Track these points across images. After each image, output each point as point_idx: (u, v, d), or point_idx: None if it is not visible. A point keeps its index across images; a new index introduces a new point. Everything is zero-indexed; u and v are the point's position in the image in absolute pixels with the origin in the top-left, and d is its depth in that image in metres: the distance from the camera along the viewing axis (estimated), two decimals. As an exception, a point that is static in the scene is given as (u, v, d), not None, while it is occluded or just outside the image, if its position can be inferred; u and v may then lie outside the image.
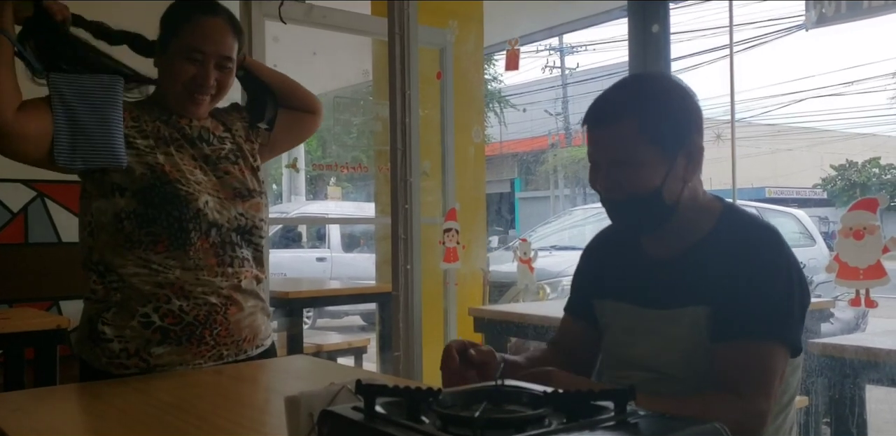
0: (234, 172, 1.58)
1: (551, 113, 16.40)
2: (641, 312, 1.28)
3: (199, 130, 1.59)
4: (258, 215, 1.59)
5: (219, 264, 1.52)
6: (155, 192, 1.45)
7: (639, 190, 1.22)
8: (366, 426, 0.73)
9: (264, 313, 1.65)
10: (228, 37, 1.54)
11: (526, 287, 3.48)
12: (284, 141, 1.80)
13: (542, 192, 17.49)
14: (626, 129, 1.20)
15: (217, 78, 1.54)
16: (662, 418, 0.72)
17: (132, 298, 1.47)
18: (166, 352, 1.48)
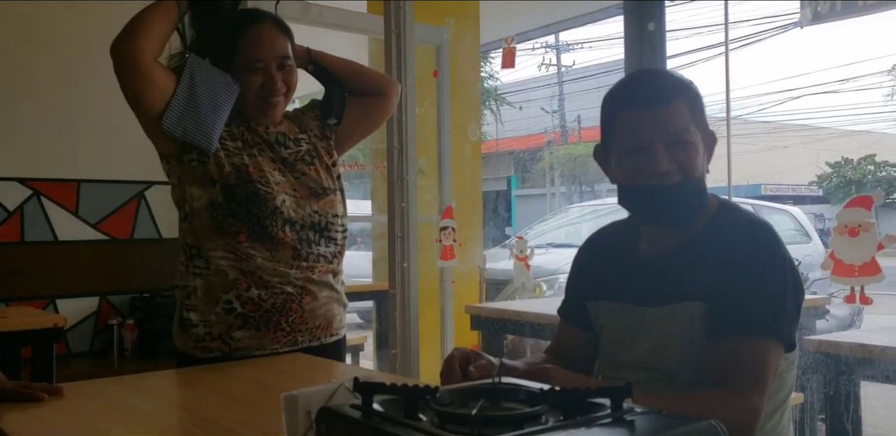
0: (309, 172, 1.69)
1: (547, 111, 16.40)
2: (636, 311, 1.28)
3: (277, 136, 1.69)
4: (332, 212, 1.69)
5: (294, 258, 1.63)
6: (238, 189, 1.58)
7: (693, 173, 1.21)
8: (363, 424, 0.73)
9: (339, 304, 1.74)
10: (279, 38, 1.64)
11: (523, 285, 3.48)
12: (359, 128, 1.84)
13: (539, 189, 17.49)
14: (680, 109, 1.20)
15: (283, 79, 1.64)
16: (659, 415, 0.73)
17: (216, 286, 1.60)
18: (245, 336, 1.60)
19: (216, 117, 1.58)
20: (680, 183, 1.20)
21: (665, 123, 1.19)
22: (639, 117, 1.21)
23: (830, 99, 22.36)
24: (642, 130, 1.20)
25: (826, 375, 1.99)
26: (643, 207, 1.26)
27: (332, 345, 1.73)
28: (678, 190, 1.20)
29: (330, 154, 1.77)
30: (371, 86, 1.82)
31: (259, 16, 1.66)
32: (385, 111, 1.88)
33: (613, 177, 1.30)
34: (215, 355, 1.61)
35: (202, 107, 1.56)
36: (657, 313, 1.24)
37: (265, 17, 1.66)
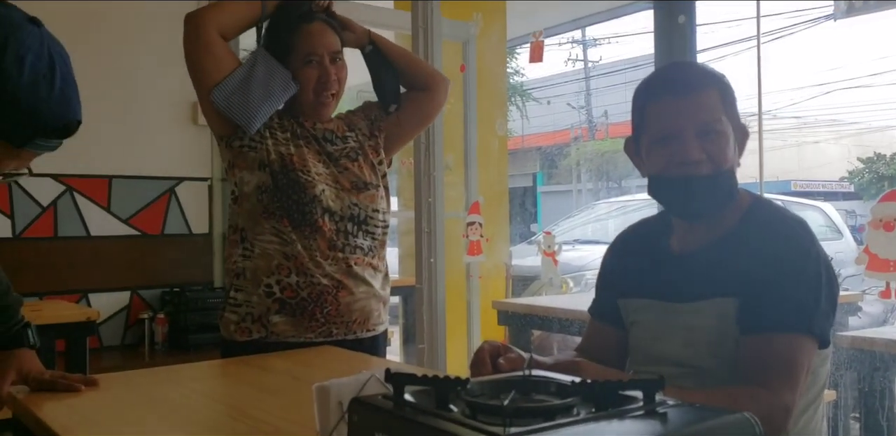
0: (352, 168, 1.74)
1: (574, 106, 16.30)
2: (667, 307, 1.27)
3: (324, 132, 1.75)
4: (372, 206, 1.73)
5: (330, 248, 1.66)
6: (281, 176, 1.65)
7: (723, 164, 1.19)
8: (396, 414, 0.73)
9: (378, 300, 1.75)
10: (330, 34, 1.71)
11: (550, 281, 3.47)
12: (410, 124, 1.87)
13: (565, 186, 17.41)
14: (712, 97, 1.19)
15: (335, 72, 1.70)
16: (692, 407, 0.72)
17: (261, 269, 1.65)
18: (281, 321, 1.65)
19: (264, 103, 1.64)
20: (710, 174, 1.19)
21: (695, 112, 1.18)
22: (669, 106, 1.20)
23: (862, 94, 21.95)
24: (673, 118, 1.20)
25: (860, 371, 1.96)
26: (673, 197, 1.25)
27: (368, 340, 1.75)
28: (708, 180, 1.19)
29: (377, 152, 1.81)
30: (423, 79, 1.85)
31: (309, 12, 1.71)
32: (435, 107, 1.89)
33: (644, 169, 1.29)
34: (254, 338, 1.66)
35: (254, 90, 1.64)
36: (688, 309, 1.23)
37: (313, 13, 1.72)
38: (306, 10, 1.72)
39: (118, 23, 3.45)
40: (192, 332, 3.43)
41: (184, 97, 3.62)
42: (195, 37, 1.66)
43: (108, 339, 3.44)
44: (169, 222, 3.58)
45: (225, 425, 1.13)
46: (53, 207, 3.29)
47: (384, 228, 1.77)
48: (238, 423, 1.11)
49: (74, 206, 3.34)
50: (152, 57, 3.53)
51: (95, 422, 1.14)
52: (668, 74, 1.28)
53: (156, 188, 3.55)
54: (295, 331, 1.66)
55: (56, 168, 3.30)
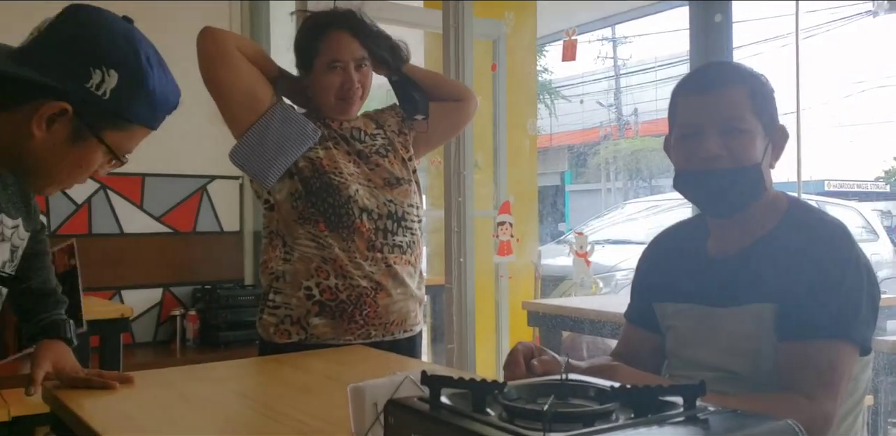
0: (383, 164, 1.74)
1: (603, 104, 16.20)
2: (704, 312, 1.25)
3: (351, 130, 1.76)
4: (407, 201, 1.74)
5: (369, 249, 1.67)
6: (313, 181, 1.67)
7: (745, 161, 1.18)
8: (432, 417, 0.73)
9: (414, 300, 1.76)
10: (355, 41, 1.71)
11: (582, 281, 3.45)
12: (441, 131, 1.88)
13: (593, 185, 17.29)
14: (737, 94, 1.18)
15: (359, 79, 1.72)
16: (734, 414, 0.71)
17: (300, 272, 1.67)
18: (321, 324, 1.66)
19: (277, 158, 1.67)
20: (730, 169, 1.18)
21: (718, 109, 1.19)
22: (694, 103, 1.21)
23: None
24: (696, 114, 1.21)
25: (900, 377, 1.92)
26: (694, 191, 1.25)
27: (405, 340, 1.75)
28: (727, 176, 1.18)
29: (406, 148, 1.82)
30: (450, 92, 1.88)
31: (338, 18, 1.73)
32: (463, 116, 1.91)
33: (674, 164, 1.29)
34: (293, 341, 1.67)
35: (268, 146, 1.67)
36: (726, 314, 1.21)
37: (342, 19, 1.73)
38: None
39: (151, 22, 3.48)
40: (222, 329, 3.46)
41: (216, 96, 3.65)
42: (212, 47, 1.67)
43: (141, 335, 3.48)
44: (200, 220, 3.62)
45: (260, 423, 1.13)
46: (88, 204, 3.34)
47: (419, 223, 1.78)
48: (274, 422, 1.12)
49: (108, 203, 3.39)
50: (185, 56, 3.56)
51: (132, 419, 1.15)
52: (698, 72, 1.29)
53: (188, 186, 3.59)
54: (334, 333, 1.67)
55: (91, 166, 3.34)
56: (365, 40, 1.73)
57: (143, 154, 3.72)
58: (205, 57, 1.69)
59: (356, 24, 1.73)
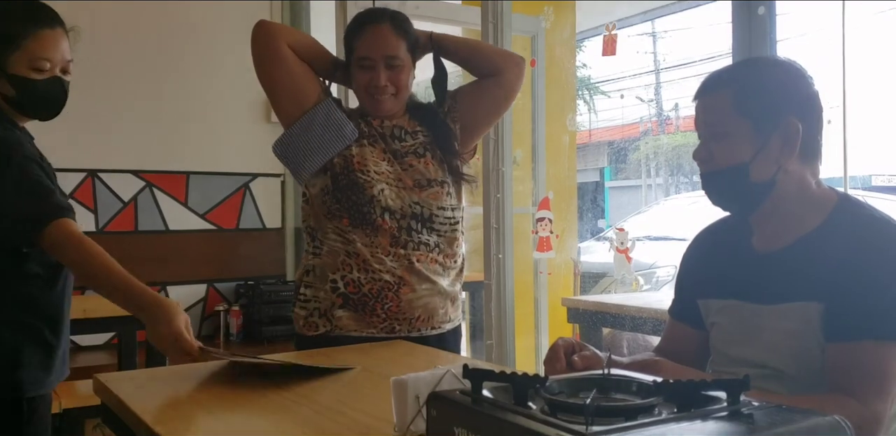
0: (417, 165, 1.74)
1: (643, 99, 16.01)
2: (749, 309, 1.24)
3: (392, 129, 1.77)
4: (437, 203, 1.73)
5: (391, 245, 1.68)
6: (342, 177, 1.69)
7: (727, 163, 1.22)
8: (475, 410, 0.74)
9: (444, 297, 1.74)
10: (391, 38, 1.70)
11: (623, 277, 3.42)
12: (479, 113, 1.82)
13: (633, 181, 17.10)
14: (719, 99, 1.22)
15: (389, 77, 1.70)
16: (779, 409, 0.71)
17: (328, 265, 1.71)
18: (345, 316, 1.69)
19: (314, 157, 1.71)
20: (711, 172, 1.25)
21: (702, 115, 1.26)
22: (695, 108, 1.29)
23: (951, 83, 20.84)
24: (695, 120, 1.29)
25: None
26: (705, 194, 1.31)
27: (434, 337, 1.74)
28: (709, 178, 1.26)
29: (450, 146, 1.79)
30: (486, 64, 1.81)
31: (378, 16, 1.72)
32: (505, 90, 1.82)
33: None
34: (320, 333, 1.71)
35: (309, 141, 1.71)
36: (771, 312, 1.20)
37: (383, 17, 1.72)
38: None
39: (195, 23, 3.54)
40: (265, 324, 3.51)
41: (258, 95, 3.68)
42: (264, 43, 1.71)
43: (186, 330, 3.55)
44: (243, 217, 3.68)
45: (304, 416, 1.15)
46: (134, 202, 3.41)
47: (453, 225, 1.75)
48: (317, 414, 1.14)
49: (154, 201, 3.46)
50: (228, 57, 3.62)
51: (181, 410, 1.18)
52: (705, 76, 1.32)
53: (231, 184, 3.65)
54: (357, 326, 1.70)
55: (137, 165, 3.42)
56: (404, 33, 1.72)
57: (187, 153, 3.81)
58: (256, 51, 1.73)
59: (397, 19, 1.73)
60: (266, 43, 1.71)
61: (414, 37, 1.75)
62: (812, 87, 1.22)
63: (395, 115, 1.78)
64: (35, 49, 1.52)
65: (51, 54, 1.54)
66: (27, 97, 1.55)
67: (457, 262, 1.78)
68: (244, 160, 3.67)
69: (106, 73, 3.26)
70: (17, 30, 1.52)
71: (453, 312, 1.79)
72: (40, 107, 1.58)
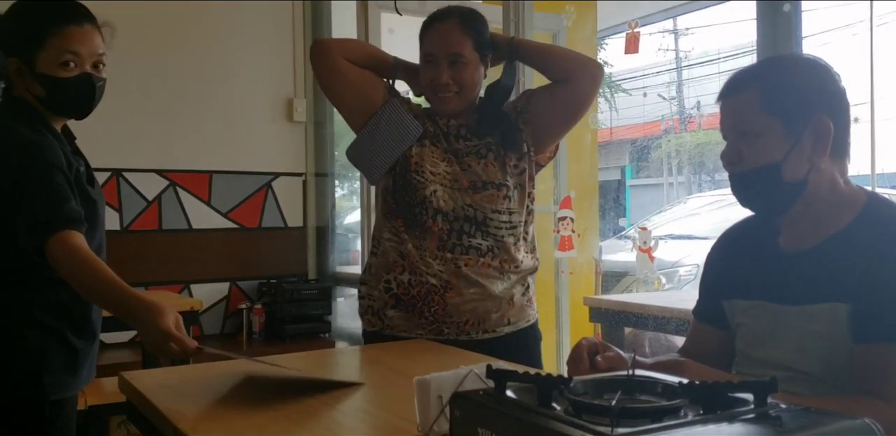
0: (475, 166, 1.71)
1: (665, 97, 15.91)
2: (775, 309, 1.22)
3: (458, 128, 1.76)
4: (491, 206, 1.69)
5: (439, 248, 1.68)
6: (399, 178, 1.72)
7: (758, 163, 1.20)
8: (498, 411, 0.74)
9: (498, 302, 1.70)
10: (455, 35, 1.69)
11: (646, 276, 3.40)
12: (556, 117, 1.76)
13: (655, 179, 17.00)
14: (747, 100, 1.20)
15: (451, 75, 1.69)
16: (807, 411, 0.70)
17: (382, 265, 1.74)
18: (396, 316, 1.71)
19: (380, 158, 1.74)
20: (742, 173, 1.22)
21: (730, 115, 1.24)
22: (720, 109, 1.27)
23: (980, 80, 20.46)
24: (721, 121, 1.26)
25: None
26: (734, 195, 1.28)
27: (486, 342, 1.69)
28: (740, 179, 1.23)
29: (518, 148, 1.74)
30: (559, 70, 1.75)
31: (445, 14, 1.72)
32: (574, 97, 1.75)
33: None
34: (375, 329, 1.75)
35: (376, 144, 1.74)
36: (798, 312, 1.18)
37: (452, 15, 1.71)
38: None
39: (218, 23, 3.57)
40: (287, 322, 3.53)
41: (280, 95, 3.72)
42: (320, 60, 1.75)
43: (209, 328, 3.58)
44: (266, 216, 3.70)
45: (327, 415, 1.15)
46: (158, 201, 3.44)
47: (510, 229, 1.71)
48: (341, 414, 1.14)
49: (177, 200, 3.49)
50: (251, 57, 3.64)
51: (205, 408, 1.19)
52: (729, 77, 1.30)
53: (253, 183, 3.67)
54: (407, 326, 1.71)
55: (160, 164, 3.45)
56: (472, 32, 1.69)
57: (211, 152, 3.83)
58: (315, 69, 1.78)
59: (466, 17, 1.71)
60: (322, 59, 1.74)
61: (484, 36, 1.72)
62: (839, 84, 1.21)
63: (461, 114, 1.75)
64: (61, 46, 1.49)
65: (78, 50, 1.50)
66: (57, 96, 1.53)
67: (518, 266, 1.73)
68: (266, 159, 3.69)
69: (130, 74, 3.29)
70: (42, 28, 1.50)
71: (514, 315, 1.73)
72: (71, 105, 1.56)
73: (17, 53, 1.51)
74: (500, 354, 1.51)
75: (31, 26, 1.51)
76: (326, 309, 3.65)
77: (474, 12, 1.74)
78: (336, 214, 4.02)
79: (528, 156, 1.76)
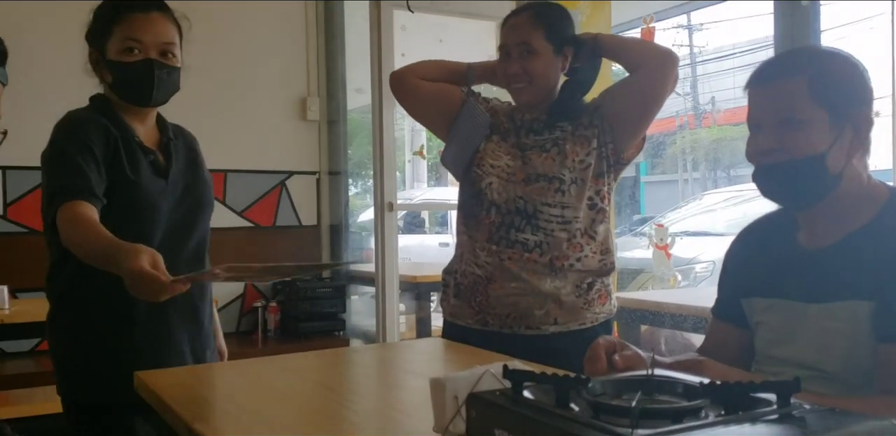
0: (535, 159, 1.71)
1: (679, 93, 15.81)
2: (795, 307, 1.20)
3: (532, 123, 1.76)
4: (541, 199, 1.68)
5: (487, 240, 1.70)
6: (465, 172, 1.77)
7: (802, 153, 1.15)
8: (517, 412, 0.72)
9: (544, 299, 1.67)
10: (526, 26, 1.70)
11: (662, 273, 3.37)
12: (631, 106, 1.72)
13: (670, 175, 16.92)
14: (794, 86, 1.15)
15: (522, 65, 1.69)
16: (832, 412, 0.68)
17: (454, 255, 1.81)
18: (455, 304, 1.77)
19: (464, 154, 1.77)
20: (787, 162, 1.16)
21: (772, 102, 1.18)
22: (754, 96, 1.21)
23: None
24: (756, 108, 1.21)
25: None
26: (760, 186, 1.23)
27: (530, 338, 1.67)
28: (780, 169, 1.17)
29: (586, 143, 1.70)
30: (631, 59, 1.74)
31: (523, 8, 1.75)
32: (644, 84, 1.71)
33: None
34: (446, 317, 1.81)
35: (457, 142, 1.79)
36: (820, 311, 1.16)
37: (528, 8, 1.73)
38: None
39: (231, 23, 3.57)
40: (302, 320, 3.54)
41: (294, 94, 3.72)
42: (399, 86, 1.82)
43: (225, 326, 3.56)
44: (280, 215, 3.70)
45: (342, 415, 1.15)
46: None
47: (562, 224, 1.67)
48: (354, 414, 1.14)
49: (192, 199, 3.50)
50: (264, 57, 3.65)
51: (219, 407, 1.19)
52: (762, 64, 1.24)
53: (268, 182, 3.68)
54: (461, 314, 1.75)
55: (175, 163, 3.46)
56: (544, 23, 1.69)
57: (225, 151, 3.85)
58: (397, 97, 1.85)
59: (541, 8, 1.72)
60: (400, 84, 1.82)
61: (560, 28, 1.70)
62: (870, 80, 1.19)
63: (536, 106, 1.74)
64: (124, 32, 1.54)
65: (140, 36, 1.54)
66: (120, 81, 1.57)
67: (574, 265, 1.68)
68: (280, 158, 3.69)
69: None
70: (109, 16, 1.56)
71: (563, 316, 1.68)
72: (130, 90, 1.58)
73: (94, 44, 1.58)
74: (541, 353, 1.46)
75: (103, 16, 1.57)
76: (341, 307, 3.66)
77: (552, 6, 1.76)
78: (350, 212, 4.02)
79: (601, 152, 1.71)
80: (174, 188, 1.62)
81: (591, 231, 1.70)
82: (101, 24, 1.57)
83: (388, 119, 3.09)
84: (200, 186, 1.71)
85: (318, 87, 3.78)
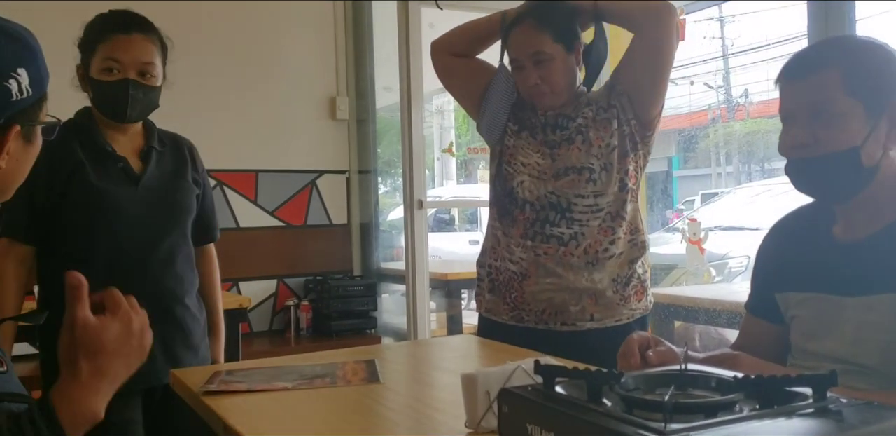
0: (564, 153, 1.71)
1: (711, 86, 15.61)
2: (832, 301, 1.18)
3: (556, 118, 1.74)
4: (573, 191, 1.68)
5: (522, 236, 1.71)
6: (495, 169, 1.80)
7: (837, 147, 1.13)
8: (550, 407, 0.72)
9: (579, 295, 1.66)
10: (531, 34, 1.68)
11: (696, 269, 3.32)
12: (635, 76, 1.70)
13: (703, 169, 16.71)
14: (827, 78, 1.13)
15: (539, 75, 1.68)
16: (870, 405, 0.67)
17: (486, 250, 1.82)
18: (490, 299, 1.78)
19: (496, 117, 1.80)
20: (821, 156, 1.14)
21: (805, 94, 1.16)
22: (787, 88, 1.19)
23: None
24: (788, 100, 1.18)
25: None
26: (793, 180, 1.21)
27: (566, 335, 1.66)
28: (813, 163, 1.15)
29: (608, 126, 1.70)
30: (627, 21, 1.70)
31: (521, 15, 1.71)
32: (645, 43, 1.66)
33: None
34: (481, 312, 1.82)
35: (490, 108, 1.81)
36: (857, 304, 1.14)
37: (525, 15, 1.70)
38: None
39: (260, 23, 3.60)
40: (334, 318, 3.56)
41: (323, 93, 3.74)
42: (435, 62, 1.88)
43: (257, 325, 3.63)
44: (311, 214, 3.73)
45: (376, 411, 1.16)
46: (206, 200, 3.49)
47: (596, 213, 1.67)
48: (388, 410, 1.14)
49: (225, 199, 3.54)
50: (293, 56, 3.67)
51: (253, 403, 1.20)
52: (795, 56, 1.22)
53: (298, 181, 3.70)
54: (496, 310, 1.75)
55: (208, 164, 3.47)
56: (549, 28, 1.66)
57: (256, 151, 3.87)
58: (436, 70, 1.90)
59: (541, 10, 1.69)
60: (435, 62, 1.88)
61: (563, 26, 1.68)
62: None
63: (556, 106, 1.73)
64: (106, 52, 1.63)
65: (119, 56, 1.63)
66: (97, 98, 1.68)
67: (609, 250, 1.67)
68: (311, 158, 3.72)
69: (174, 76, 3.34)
70: (94, 36, 1.66)
71: (599, 312, 1.67)
72: (107, 108, 1.68)
73: (82, 58, 1.68)
74: (577, 349, 1.45)
75: (89, 35, 1.67)
76: (372, 305, 3.67)
77: (547, 4, 1.71)
78: (379, 211, 4.04)
79: (622, 131, 1.70)
80: (147, 193, 1.71)
81: (623, 212, 1.69)
82: (88, 42, 1.67)
83: (416, 117, 3.09)
84: (178, 193, 1.79)
85: (346, 86, 3.80)
